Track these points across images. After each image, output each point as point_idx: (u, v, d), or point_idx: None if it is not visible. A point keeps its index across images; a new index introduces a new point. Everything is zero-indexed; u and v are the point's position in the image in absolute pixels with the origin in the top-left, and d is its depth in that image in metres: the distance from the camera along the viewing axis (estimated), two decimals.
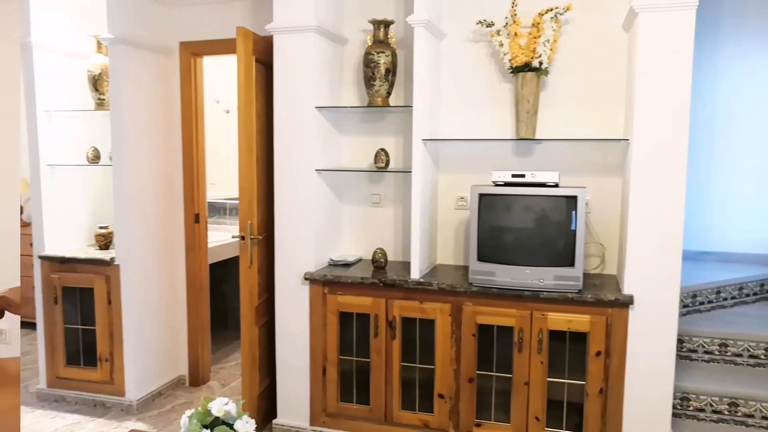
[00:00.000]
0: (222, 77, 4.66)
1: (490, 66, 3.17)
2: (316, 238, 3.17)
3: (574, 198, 2.70)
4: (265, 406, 3.35)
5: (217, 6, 3.65)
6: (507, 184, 2.85)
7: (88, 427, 3.44)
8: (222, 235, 4.60)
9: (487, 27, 3.03)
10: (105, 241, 3.75)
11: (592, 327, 2.71)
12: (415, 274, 2.99)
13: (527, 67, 2.92)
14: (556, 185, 2.79)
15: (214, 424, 1.68)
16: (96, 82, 3.73)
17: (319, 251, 3.21)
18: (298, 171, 3.12)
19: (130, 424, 3.46)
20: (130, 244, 3.55)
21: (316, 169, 3.13)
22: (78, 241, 3.91)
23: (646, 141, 2.62)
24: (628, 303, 2.66)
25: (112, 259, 3.54)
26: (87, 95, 3.82)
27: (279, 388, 3.27)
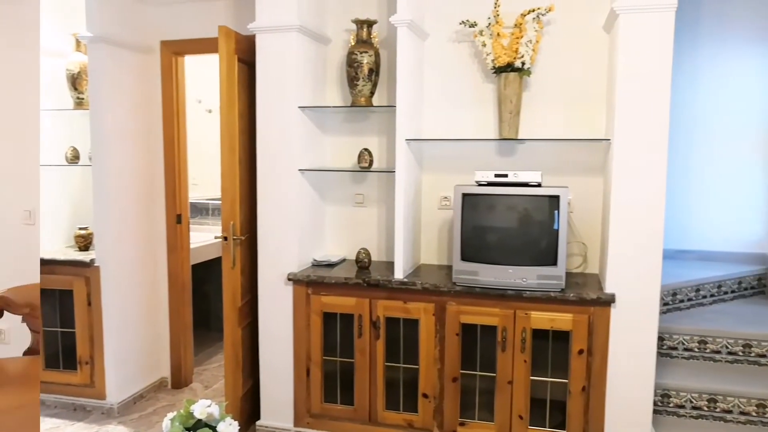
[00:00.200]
0: (204, 77, 4.63)
1: (473, 66, 3.18)
2: (300, 239, 3.15)
3: (557, 198, 2.72)
4: (249, 407, 3.32)
5: (199, 4, 3.62)
6: (490, 184, 2.87)
7: (68, 431, 3.39)
8: (204, 236, 4.56)
9: (470, 27, 3.04)
10: (85, 243, 3.71)
11: (574, 325, 2.73)
12: (398, 274, 2.99)
13: (510, 67, 2.94)
14: (539, 185, 2.81)
15: (196, 426, 1.67)
16: (75, 81, 3.68)
17: (303, 252, 3.20)
18: (281, 171, 3.10)
19: (111, 428, 3.42)
20: (111, 245, 3.50)
21: (299, 169, 3.12)
22: (57, 242, 3.85)
23: (627, 141, 2.65)
24: (609, 301, 2.69)
25: (92, 260, 3.49)
26: (66, 94, 3.77)
27: (262, 389, 3.26)
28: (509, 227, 2.94)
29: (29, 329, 2.32)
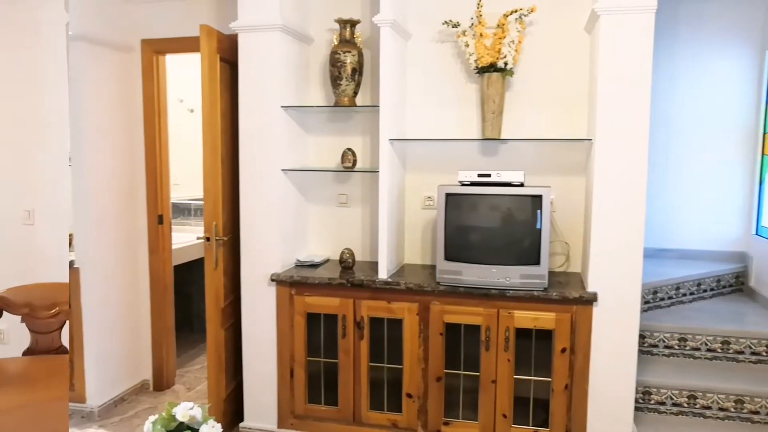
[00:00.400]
0: (186, 76, 4.58)
1: (456, 66, 3.19)
2: (283, 239, 3.14)
3: (539, 197, 2.74)
4: (232, 409, 3.30)
5: (180, 3, 3.58)
6: (473, 184, 2.88)
7: None
8: (186, 237, 4.52)
9: (452, 27, 3.05)
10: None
11: (557, 324, 2.75)
12: (382, 274, 2.99)
13: (493, 67, 2.95)
14: (522, 185, 2.82)
15: (178, 429, 1.65)
16: None
17: (286, 252, 3.18)
18: (264, 171, 3.08)
19: (91, 431, 3.37)
20: (91, 246, 3.45)
21: (282, 169, 3.10)
22: None
23: (608, 141, 2.68)
24: (592, 300, 2.71)
25: (71, 261, 3.44)
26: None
27: (246, 390, 3.23)
28: (492, 227, 2.95)
29: (28, 329, 2.31)
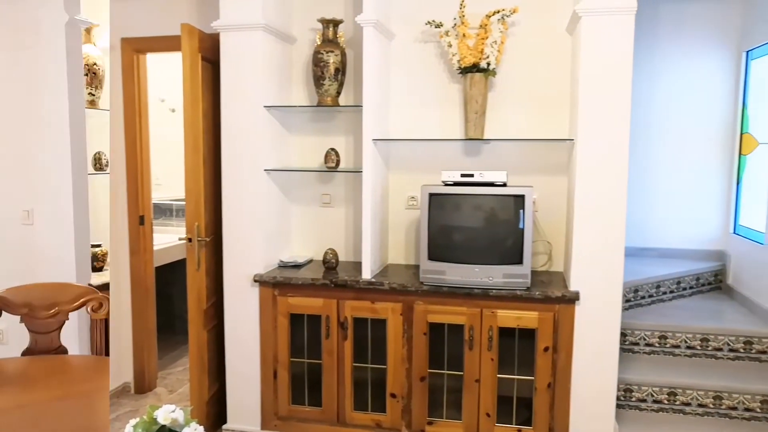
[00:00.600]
0: (167, 75, 4.53)
1: (439, 66, 3.20)
2: (266, 240, 3.12)
3: (522, 197, 2.76)
4: (215, 411, 3.27)
5: (161, 1, 3.54)
6: (456, 184, 2.89)
7: None
8: (168, 237, 4.47)
9: (435, 27, 3.05)
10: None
11: (540, 323, 2.77)
12: (366, 274, 2.99)
13: (475, 67, 2.96)
14: (504, 184, 2.84)
15: None
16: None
17: (269, 253, 3.17)
18: (247, 171, 3.06)
19: None
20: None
21: (264, 169, 3.08)
22: None
23: (589, 141, 2.70)
24: (574, 299, 2.73)
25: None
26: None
27: (229, 392, 3.21)
28: (475, 227, 2.96)
29: (27, 329, 2.29)
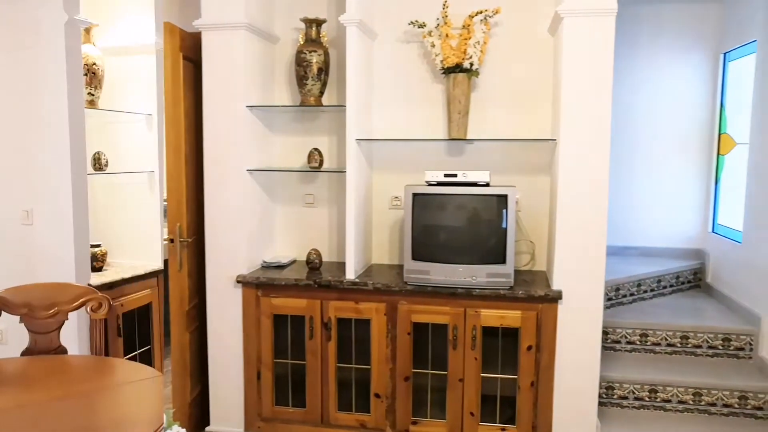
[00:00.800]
0: None
1: (422, 67, 3.20)
2: (248, 240, 3.10)
3: (505, 197, 2.77)
4: (198, 413, 3.24)
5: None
6: (440, 184, 2.89)
7: None
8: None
9: (418, 28, 3.05)
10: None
11: (523, 322, 2.79)
12: (350, 274, 2.98)
13: (458, 68, 2.97)
14: (487, 184, 2.85)
15: None
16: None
17: (252, 253, 3.15)
18: (229, 171, 3.04)
19: None
20: None
21: (247, 170, 3.06)
22: None
23: (571, 141, 2.72)
24: (557, 298, 2.75)
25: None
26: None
27: (212, 394, 3.18)
28: (459, 226, 2.97)
29: (27, 329, 2.27)
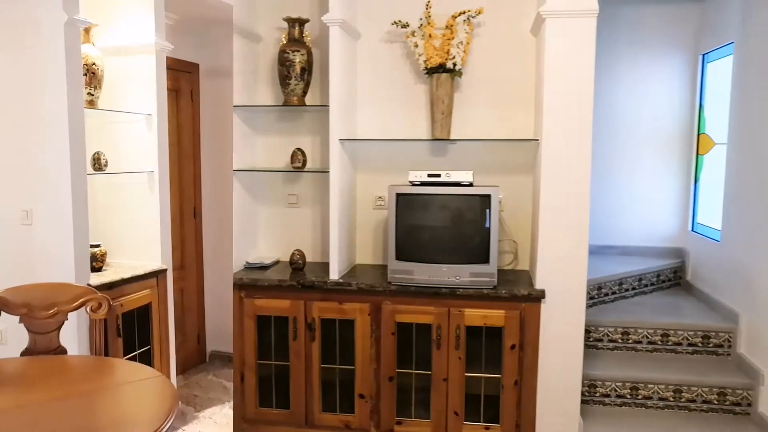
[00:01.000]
0: None
1: (405, 67, 3.20)
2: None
3: (488, 197, 2.78)
4: None
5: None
6: (423, 184, 2.89)
7: None
8: None
9: (402, 28, 3.05)
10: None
11: (506, 321, 2.80)
12: (334, 275, 2.97)
13: (442, 68, 2.98)
14: (471, 184, 2.86)
15: None
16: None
17: (235, 254, 3.12)
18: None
19: None
20: None
21: (234, 170, 3.04)
22: None
23: (554, 141, 2.74)
24: (540, 297, 2.77)
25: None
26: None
27: None
28: (443, 226, 2.98)
29: (27, 330, 2.24)
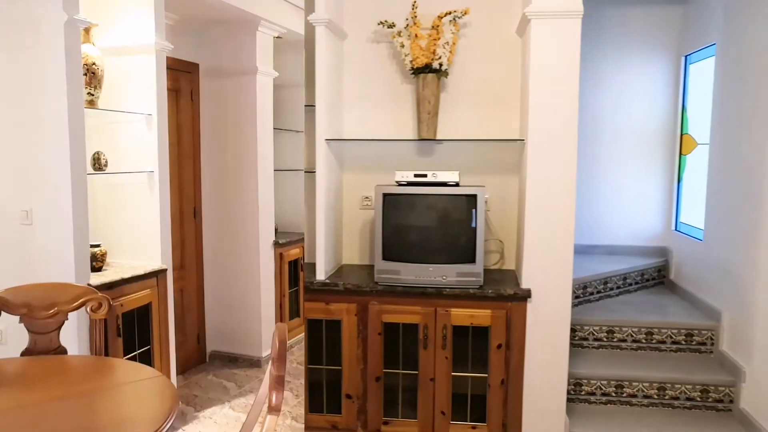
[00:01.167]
0: None
1: (391, 67, 3.20)
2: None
3: (474, 197, 2.79)
4: None
5: None
6: (410, 184, 2.89)
7: None
8: None
9: (388, 28, 3.05)
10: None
11: (493, 321, 2.81)
12: (320, 275, 2.96)
13: (428, 68, 2.98)
14: (457, 184, 2.86)
15: None
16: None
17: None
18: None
19: None
20: None
21: None
22: None
23: (539, 141, 2.75)
24: (526, 296, 2.78)
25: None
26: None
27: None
28: (429, 226, 2.98)
29: (27, 330, 2.23)
